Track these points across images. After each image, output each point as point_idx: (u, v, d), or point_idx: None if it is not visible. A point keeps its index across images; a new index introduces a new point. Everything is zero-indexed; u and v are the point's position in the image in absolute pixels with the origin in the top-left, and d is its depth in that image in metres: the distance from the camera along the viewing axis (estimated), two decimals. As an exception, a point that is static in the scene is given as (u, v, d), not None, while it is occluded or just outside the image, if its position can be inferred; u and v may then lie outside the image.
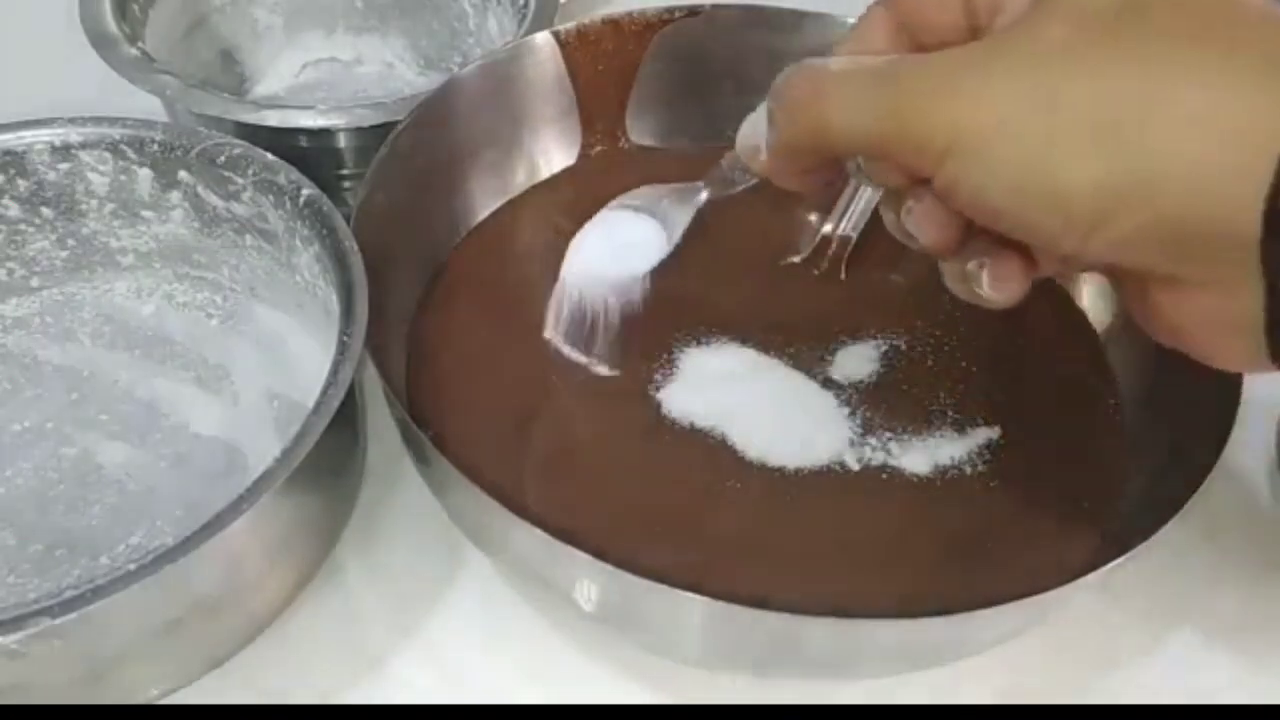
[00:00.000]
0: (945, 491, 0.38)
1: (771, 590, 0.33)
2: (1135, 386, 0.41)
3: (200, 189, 0.39)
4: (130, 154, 0.39)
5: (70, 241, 0.41)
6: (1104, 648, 0.37)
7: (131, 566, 0.27)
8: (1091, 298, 0.44)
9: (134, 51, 0.44)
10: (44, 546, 0.36)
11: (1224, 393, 0.34)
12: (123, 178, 0.39)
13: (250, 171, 0.38)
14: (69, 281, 0.42)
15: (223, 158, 0.38)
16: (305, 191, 0.37)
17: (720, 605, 0.29)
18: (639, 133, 0.49)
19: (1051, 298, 0.44)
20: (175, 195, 0.40)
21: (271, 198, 0.38)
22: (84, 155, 0.39)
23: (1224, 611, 0.38)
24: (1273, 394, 0.39)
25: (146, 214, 0.41)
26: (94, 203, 0.40)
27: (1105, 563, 0.30)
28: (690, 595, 0.29)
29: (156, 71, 0.43)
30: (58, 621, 0.26)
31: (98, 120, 0.39)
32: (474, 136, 0.45)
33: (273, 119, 0.42)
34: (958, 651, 0.33)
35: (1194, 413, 0.36)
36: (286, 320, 0.42)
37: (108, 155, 0.39)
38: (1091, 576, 0.30)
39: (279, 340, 0.42)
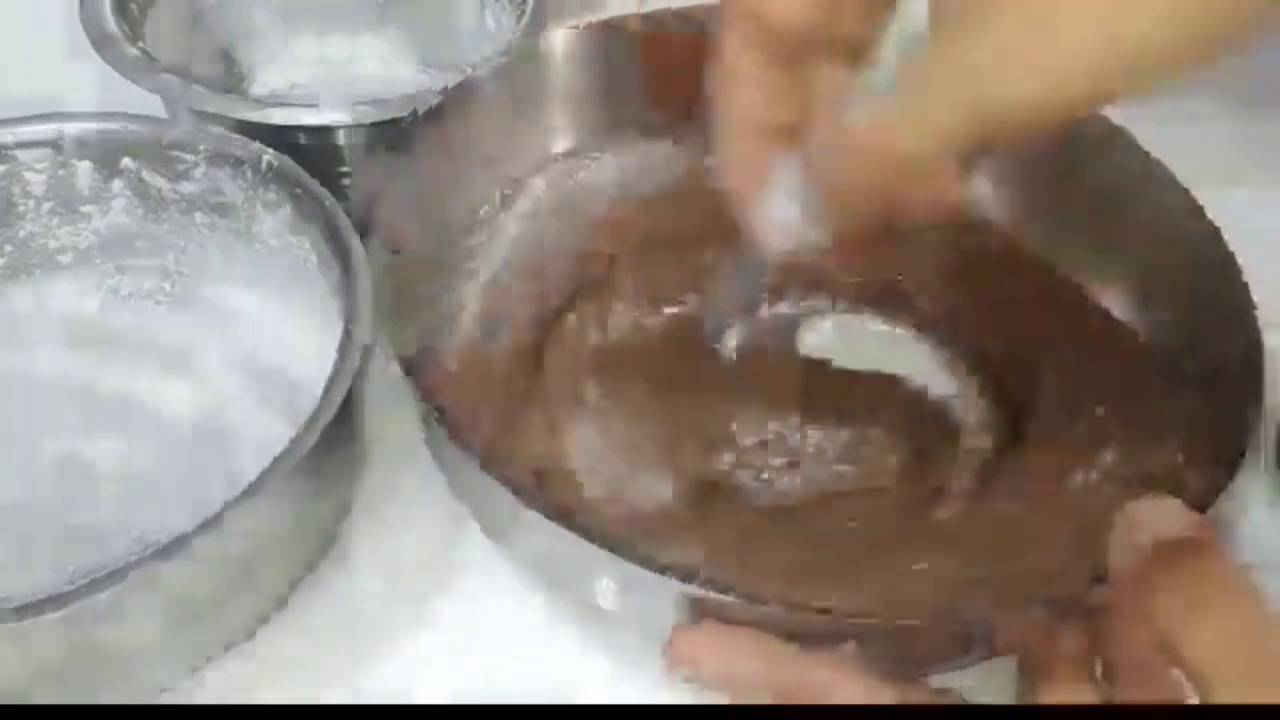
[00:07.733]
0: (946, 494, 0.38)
1: (771, 590, 0.33)
2: (1136, 391, 0.41)
3: (145, 174, 0.38)
4: (69, 148, 0.38)
5: (7, 247, 0.40)
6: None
7: (134, 558, 0.27)
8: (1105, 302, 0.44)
9: (134, 51, 0.44)
10: (44, 546, 0.36)
11: (1235, 419, 0.34)
12: (61, 173, 0.39)
13: (201, 148, 0.37)
14: (8, 286, 0.41)
15: (166, 139, 0.37)
16: (266, 157, 0.36)
17: (730, 601, 0.29)
18: (638, 133, 0.49)
19: (1054, 298, 0.44)
20: (117, 184, 0.39)
21: (229, 169, 0.37)
22: (21, 155, 0.38)
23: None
24: (1273, 395, 0.39)
25: (86, 209, 0.40)
26: (31, 203, 0.39)
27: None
28: (701, 591, 0.29)
29: (157, 70, 0.43)
30: (63, 612, 0.26)
31: (35, 119, 0.38)
32: (474, 136, 0.45)
33: (275, 116, 0.41)
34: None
35: (1199, 437, 0.36)
36: (248, 293, 0.41)
37: (47, 153, 0.38)
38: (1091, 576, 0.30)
39: (242, 314, 0.41)
